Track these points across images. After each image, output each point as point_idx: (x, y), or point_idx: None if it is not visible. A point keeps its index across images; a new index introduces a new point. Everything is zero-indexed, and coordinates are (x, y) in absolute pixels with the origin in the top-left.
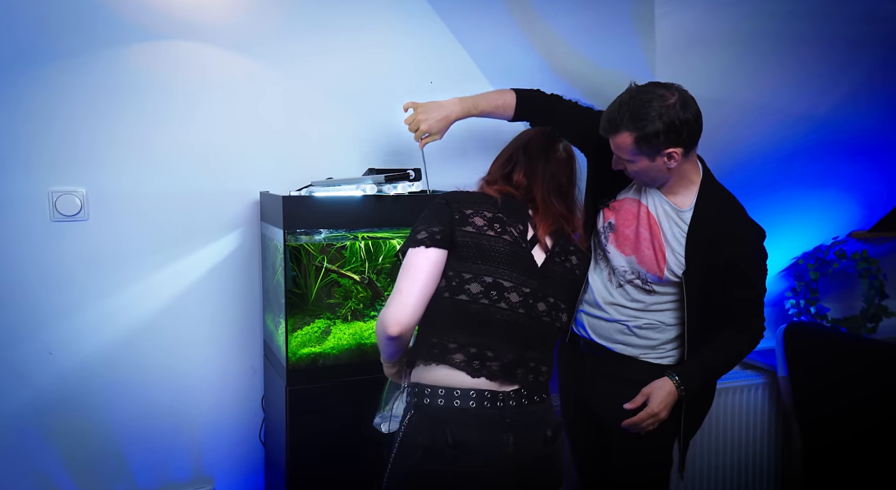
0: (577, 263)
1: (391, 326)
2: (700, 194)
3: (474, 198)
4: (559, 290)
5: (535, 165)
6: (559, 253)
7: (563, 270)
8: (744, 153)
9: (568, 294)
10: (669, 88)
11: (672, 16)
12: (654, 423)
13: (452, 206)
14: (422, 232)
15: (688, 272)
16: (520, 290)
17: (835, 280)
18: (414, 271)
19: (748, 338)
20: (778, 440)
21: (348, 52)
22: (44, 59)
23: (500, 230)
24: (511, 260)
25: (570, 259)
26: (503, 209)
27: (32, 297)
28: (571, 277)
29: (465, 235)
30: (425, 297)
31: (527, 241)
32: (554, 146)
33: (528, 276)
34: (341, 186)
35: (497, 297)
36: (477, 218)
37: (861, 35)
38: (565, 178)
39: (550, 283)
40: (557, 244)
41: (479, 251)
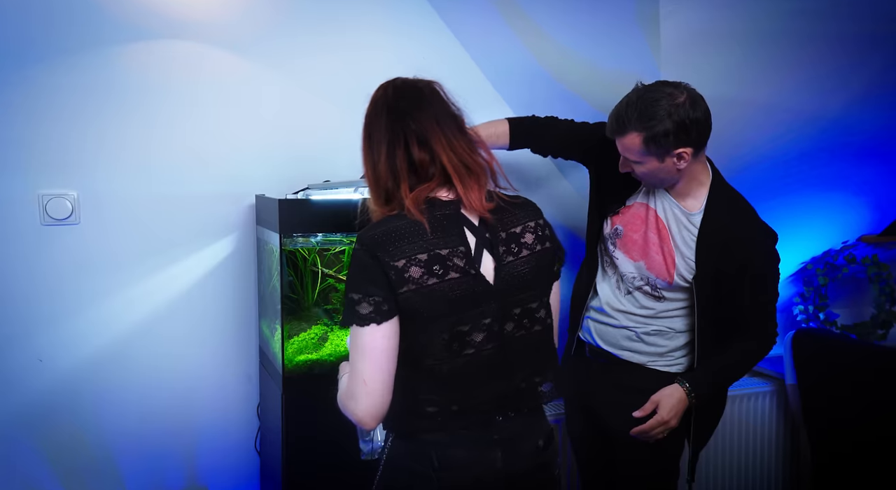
0: (531, 241)
1: (367, 423)
2: (710, 196)
3: (398, 234)
4: (525, 288)
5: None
6: (506, 241)
7: (522, 261)
8: (750, 155)
9: (537, 283)
10: (678, 87)
11: (677, 15)
12: (664, 432)
13: (381, 260)
14: (363, 304)
15: (698, 277)
16: (481, 326)
17: (844, 285)
18: (374, 355)
19: (761, 344)
20: (786, 449)
21: (346, 52)
22: (34, 59)
23: (441, 272)
24: (462, 301)
25: (520, 240)
26: (436, 236)
27: (22, 303)
28: (531, 264)
29: (407, 298)
30: (392, 376)
31: (473, 263)
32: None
33: (485, 305)
34: (339, 189)
35: (459, 347)
36: (412, 269)
37: (871, 34)
38: (456, 112)
39: (512, 288)
40: (498, 224)
41: (427, 310)
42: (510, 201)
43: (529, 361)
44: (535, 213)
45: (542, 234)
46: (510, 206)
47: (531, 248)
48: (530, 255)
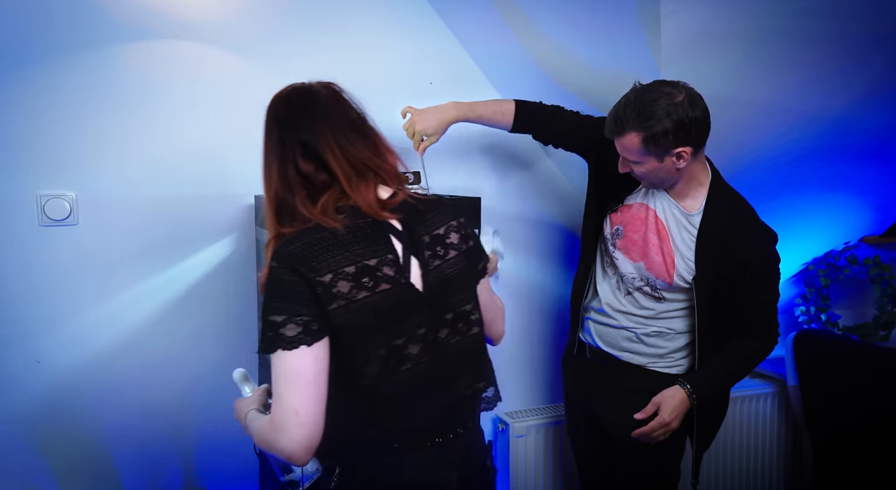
0: (457, 241)
1: (301, 458)
2: (709, 197)
3: (320, 246)
4: (455, 290)
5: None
6: (430, 244)
7: (449, 263)
8: (751, 156)
9: (467, 284)
10: (676, 86)
11: (678, 14)
12: (666, 434)
13: (306, 276)
14: (289, 325)
15: (698, 278)
16: (415, 337)
17: (846, 286)
18: (305, 381)
19: (762, 344)
20: (788, 451)
21: (346, 52)
22: (33, 58)
23: (371, 284)
24: (396, 313)
25: (446, 241)
26: (361, 245)
27: (20, 304)
28: (460, 265)
29: (338, 315)
30: (325, 403)
31: (403, 271)
32: (317, 95)
33: (417, 315)
34: None
35: (397, 363)
36: (340, 283)
37: (873, 34)
38: (355, 114)
39: (442, 293)
40: (420, 227)
41: (360, 327)
42: (428, 202)
43: (469, 367)
44: (455, 212)
45: (465, 233)
46: (428, 206)
47: (458, 247)
48: (458, 256)
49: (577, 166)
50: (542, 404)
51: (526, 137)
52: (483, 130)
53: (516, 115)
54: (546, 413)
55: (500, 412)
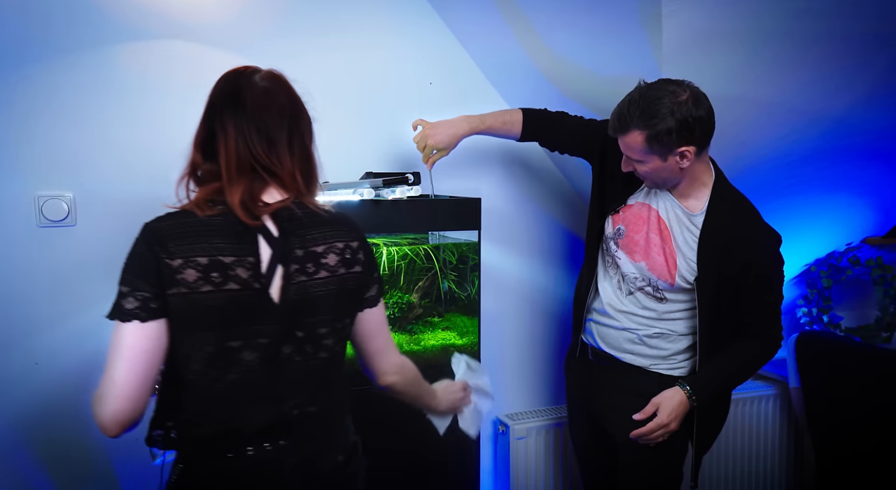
0: (334, 263)
1: (110, 430)
2: (712, 197)
3: (185, 230)
4: (313, 311)
5: (223, 119)
6: (302, 258)
7: (317, 283)
8: (753, 156)
9: (333, 309)
10: (681, 85)
11: (680, 14)
12: (664, 435)
13: (157, 255)
14: (129, 298)
15: (700, 279)
16: (254, 345)
17: (848, 288)
18: (131, 355)
19: (765, 346)
20: (790, 453)
21: (346, 52)
22: (32, 58)
23: (219, 280)
24: (238, 315)
25: (321, 260)
26: (226, 241)
27: (19, 305)
28: (328, 288)
29: (176, 299)
30: (148, 383)
31: (261, 277)
32: (245, 84)
33: (263, 324)
34: (338, 191)
35: (224, 364)
36: (188, 271)
37: (876, 34)
38: (272, 124)
39: (298, 310)
40: (297, 239)
41: (195, 319)
42: (319, 217)
43: (304, 389)
44: (349, 235)
45: (350, 258)
46: (317, 222)
47: (332, 270)
48: (329, 278)
49: (578, 167)
50: (543, 406)
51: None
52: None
53: (524, 124)
54: (547, 415)
55: (500, 414)
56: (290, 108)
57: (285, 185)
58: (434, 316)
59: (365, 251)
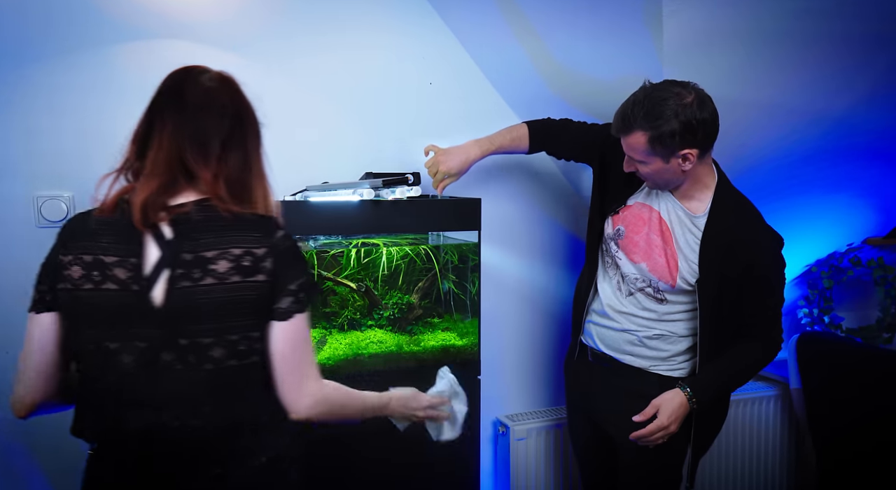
0: (225, 270)
1: (16, 411)
2: (715, 199)
3: (84, 228)
4: (197, 319)
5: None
6: (189, 263)
7: (202, 290)
8: (754, 156)
9: (221, 318)
10: (685, 87)
11: (680, 14)
12: (664, 437)
13: (58, 250)
14: (34, 290)
15: (701, 281)
16: (132, 348)
17: (849, 288)
18: (29, 345)
19: (765, 349)
20: (791, 454)
21: (345, 51)
22: (31, 58)
23: (98, 279)
24: (115, 317)
25: (208, 266)
26: (112, 240)
27: (18, 307)
28: (214, 296)
29: (63, 295)
30: (42, 373)
31: (141, 279)
32: (190, 83)
33: (142, 327)
34: (337, 191)
35: (104, 364)
36: (74, 268)
37: (877, 34)
38: (209, 125)
39: (181, 317)
40: (188, 243)
41: (79, 315)
42: (225, 222)
43: (186, 400)
44: (255, 241)
45: (249, 266)
46: (221, 227)
47: (220, 277)
48: (215, 286)
49: (579, 168)
50: (543, 407)
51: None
52: (484, 131)
53: (531, 138)
54: (547, 416)
55: (500, 415)
56: (233, 111)
57: (203, 188)
58: (434, 317)
59: (276, 259)
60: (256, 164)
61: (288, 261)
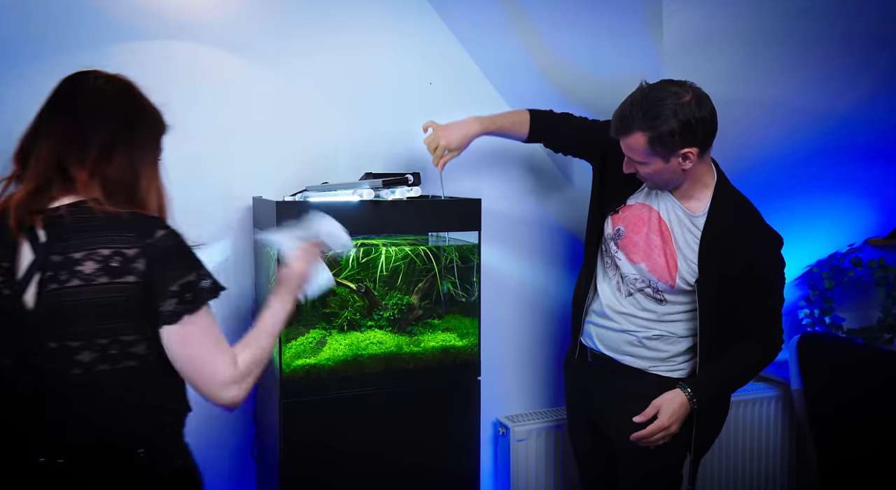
0: (91, 271)
1: None
2: (714, 199)
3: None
4: (65, 323)
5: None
6: (58, 265)
7: (68, 292)
8: (755, 156)
9: (88, 322)
10: (683, 86)
11: (681, 14)
12: (665, 438)
13: None
14: None
15: (701, 281)
16: (7, 352)
17: (850, 289)
18: None
19: (765, 349)
20: (792, 455)
21: (345, 51)
22: (30, 58)
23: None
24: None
25: (75, 268)
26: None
27: None
28: (81, 298)
29: None
30: None
31: (12, 282)
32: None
33: (14, 331)
34: (337, 191)
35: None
36: None
37: (878, 33)
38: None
39: (49, 320)
40: (57, 245)
41: None
42: (97, 223)
43: (60, 405)
44: (127, 242)
45: (118, 267)
46: (91, 227)
47: (87, 278)
48: (82, 288)
49: (579, 168)
50: (544, 408)
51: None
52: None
53: (531, 125)
54: (547, 417)
55: (500, 416)
56: (122, 113)
57: (79, 190)
58: (434, 318)
59: (150, 260)
60: (147, 166)
61: (167, 261)
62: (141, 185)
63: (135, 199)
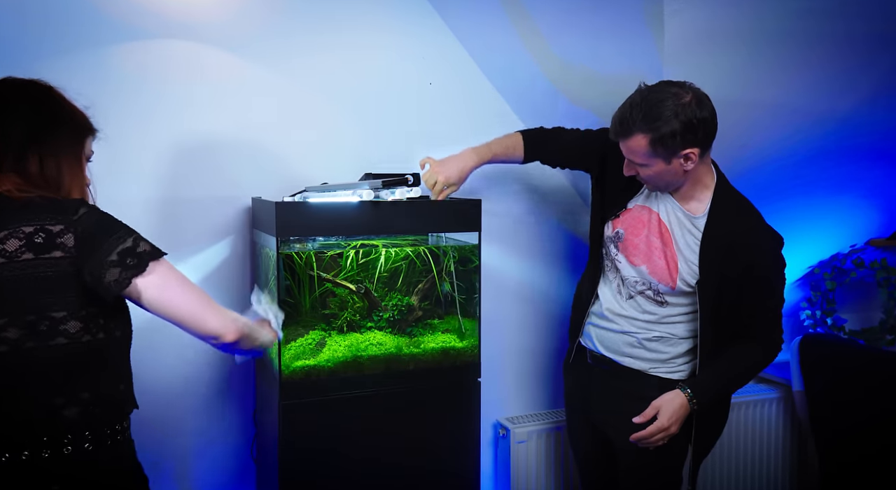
0: (14, 249)
1: None
2: (714, 200)
3: None
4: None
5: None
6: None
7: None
8: (757, 157)
9: (17, 297)
10: (682, 86)
11: (682, 14)
12: (664, 439)
13: None
14: None
15: (702, 282)
16: None
17: (852, 290)
18: None
19: (765, 351)
20: (793, 457)
21: (345, 51)
22: (29, 58)
23: None
24: None
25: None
26: None
27: None
28: (5, 274)
29: None
30: None
31: None
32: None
33: None
34: (337, 192)
35: None
36: None
37: (880, 34)
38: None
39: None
40: None
41: None
42: (17, 204)
43: (36, 383)
44: (50, 219)
45: (42, 242)
46: (13, 208)
47: (10, 256)
48: (6, 265)
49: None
50: (544, 409)
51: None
52: (485, 132)
53: (525, 146)
54: (548, 418)
55: (500, 417)
56: (34, 114)
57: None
58: (434, 319)
59: (79, 235)
60: (66, 163)
61: (98, 234)
62: (64, 180)
63: (60, 192)
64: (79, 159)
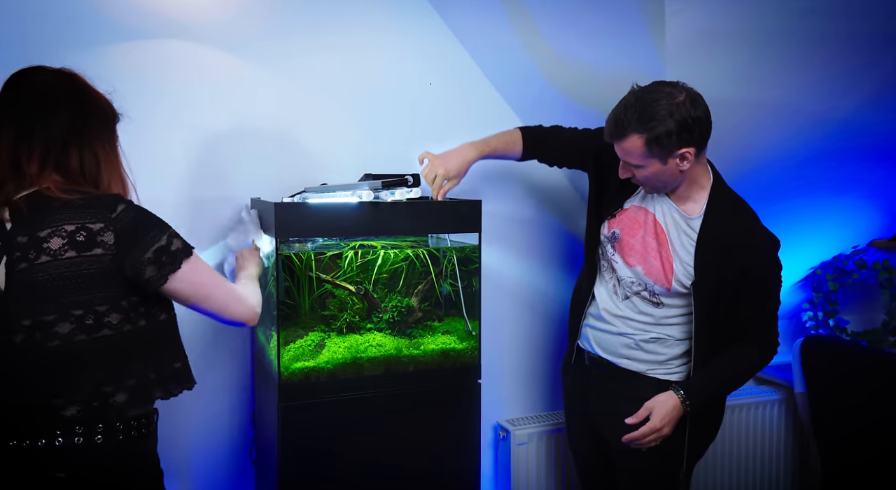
0: (58, 247)
1: None
2: (710, 200)
3: None
4: (40, 298)
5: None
6: (25, 245)
7: (38, 268)
8: (759, 158)
9: (64, 293)
10: (675, 86)
11: (683, 13)
12: (657, 440)
13: None
14: None
15: (697, 283)
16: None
17: (854, 291)
18: None
19: (761, 352)
20: (795, 460)
21: (344, 51)
22: (29, 58)
23: None
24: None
25: (43, 245)
26: None
27: None
28: (52, 272)
29: None
30: None
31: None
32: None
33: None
34: (336, 192)
35: None
36: None
37: (883, 34)
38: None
39: (22, 297)
40: (20, 227)
41: None
42: (59, 204)
43: (43, 381)
44: (91, 217)
45: (84, 241)
46: (55, 208)
47: (54, 254)
48: (51, 262)
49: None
50: (544, 411)
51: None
52: (485, 132)
53: (524, 142)
54: (548, 420)
55: (500, 419)
56: (70, 106)
57: (33, 182)
58: (434, 320)
59: (118, 233)
60: (103, 153)
61: (136, 232)
62: (103, 174)
63: (100, 186)
64: (113, 147)
